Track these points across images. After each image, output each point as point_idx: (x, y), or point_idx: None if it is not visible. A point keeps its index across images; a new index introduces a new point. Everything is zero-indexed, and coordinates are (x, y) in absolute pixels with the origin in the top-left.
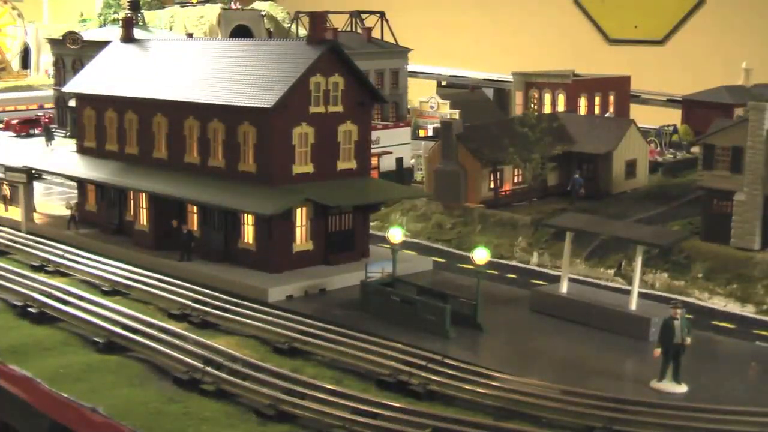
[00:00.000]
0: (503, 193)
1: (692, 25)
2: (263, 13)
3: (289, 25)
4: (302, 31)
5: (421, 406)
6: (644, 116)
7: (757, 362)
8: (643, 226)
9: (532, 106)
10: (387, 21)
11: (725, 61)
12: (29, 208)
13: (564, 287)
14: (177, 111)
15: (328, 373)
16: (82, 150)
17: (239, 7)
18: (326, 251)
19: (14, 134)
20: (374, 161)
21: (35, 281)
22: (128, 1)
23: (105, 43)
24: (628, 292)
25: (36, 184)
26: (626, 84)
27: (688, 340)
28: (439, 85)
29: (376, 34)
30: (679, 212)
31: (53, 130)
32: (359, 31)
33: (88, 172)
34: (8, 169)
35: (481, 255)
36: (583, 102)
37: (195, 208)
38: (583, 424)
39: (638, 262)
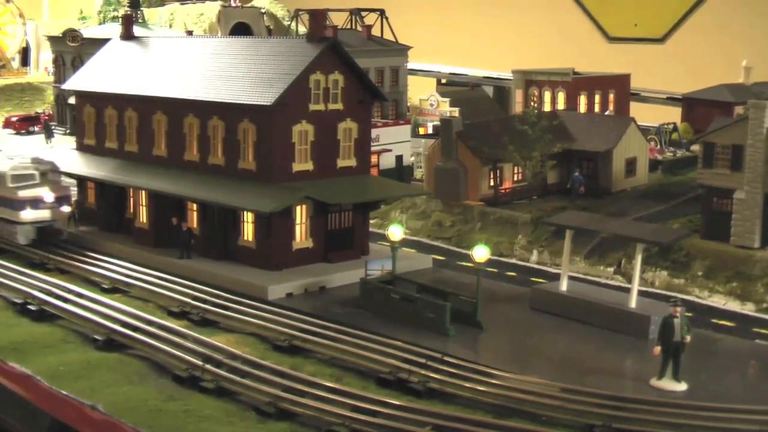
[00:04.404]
0: (503, 190)
1: (692, 23)
2: (263, 10)
3: (289, 22)
4: (302, 29)
5: (420, 404)
6: (644, 114)
7: (756, 360)
8: (643, 224)
9: (532, 104)
10: (387, 19)
11: (725, 59)
12: None
13: (564, 285)
14: (177, 108)
15: (328, 371)
16: (81, 147)
17: (239, 4)
18: (326, 249)
19: (14, 131)
20: (374, 159)
21: (35, 279)
22: None
23: (105, 41)
24: (627, 290)
25: None
26: (626, 82)
27: (688, 338)
28: (438, 82)
29: (376, 31)
30: (678, 210)
31: (53, 127)
32: (359, 28)
33: (88, 170)
34: None
35: (480, 253)
36: (583, 100)
37: (195, 206)
38: (583, 422)
39: (638, 260)
